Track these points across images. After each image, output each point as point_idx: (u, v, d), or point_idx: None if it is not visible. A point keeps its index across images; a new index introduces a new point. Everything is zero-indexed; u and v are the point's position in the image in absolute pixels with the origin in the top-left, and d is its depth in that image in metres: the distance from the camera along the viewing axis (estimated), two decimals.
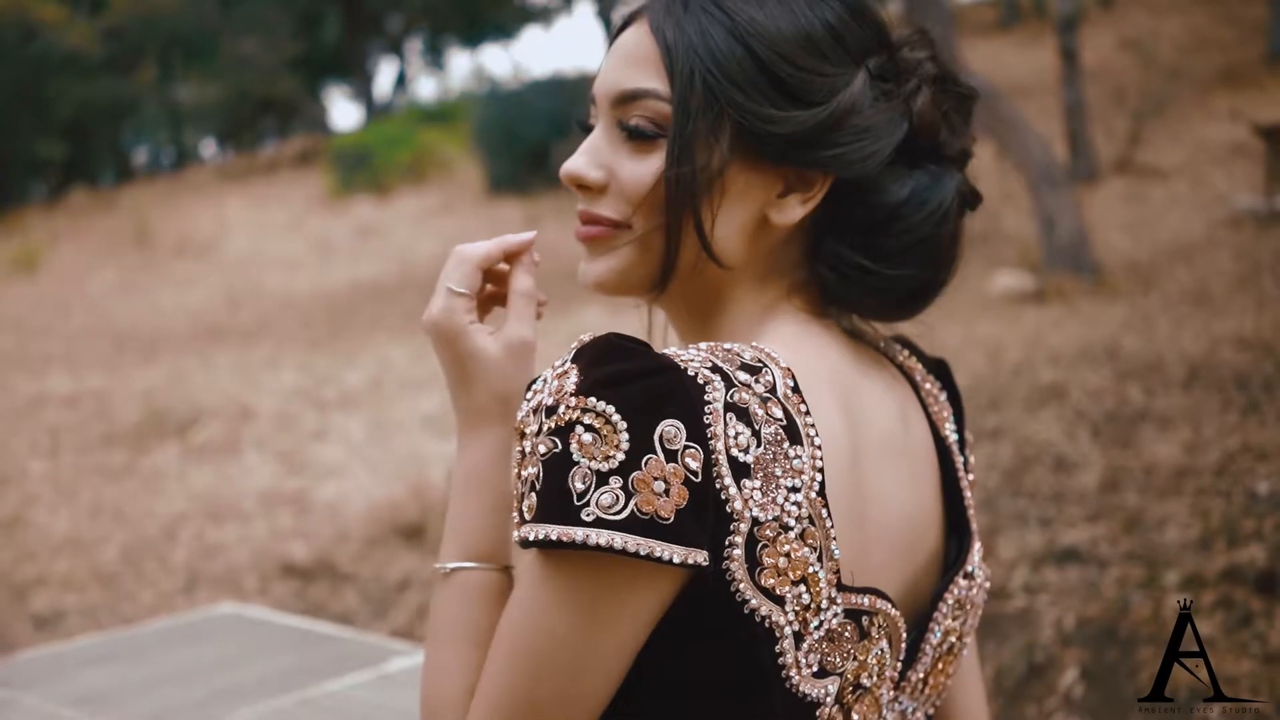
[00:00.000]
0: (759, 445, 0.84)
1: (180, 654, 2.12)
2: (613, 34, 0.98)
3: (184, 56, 24.06)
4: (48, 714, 1.83)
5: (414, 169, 17.08)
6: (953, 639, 1.00)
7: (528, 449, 0.83)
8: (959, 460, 1.06)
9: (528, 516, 0.82)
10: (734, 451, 0.83)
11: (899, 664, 0.95)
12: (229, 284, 13.04)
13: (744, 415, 0.84)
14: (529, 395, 0.85)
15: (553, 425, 0.81)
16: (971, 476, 1.08)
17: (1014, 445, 4.64)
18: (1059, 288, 7.27)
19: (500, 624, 0.85)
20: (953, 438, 1.06)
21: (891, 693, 0.96)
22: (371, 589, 4.48)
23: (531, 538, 0.81)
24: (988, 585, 1.05)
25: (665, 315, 1.02)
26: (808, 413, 0.88)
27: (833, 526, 0.87)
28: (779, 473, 0.85)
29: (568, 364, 0.84)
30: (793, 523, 0.85)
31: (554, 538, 0.80)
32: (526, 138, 14.51)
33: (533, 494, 0.82)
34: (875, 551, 0.92)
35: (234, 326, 10.76)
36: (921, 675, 0.98)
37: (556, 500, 0.80)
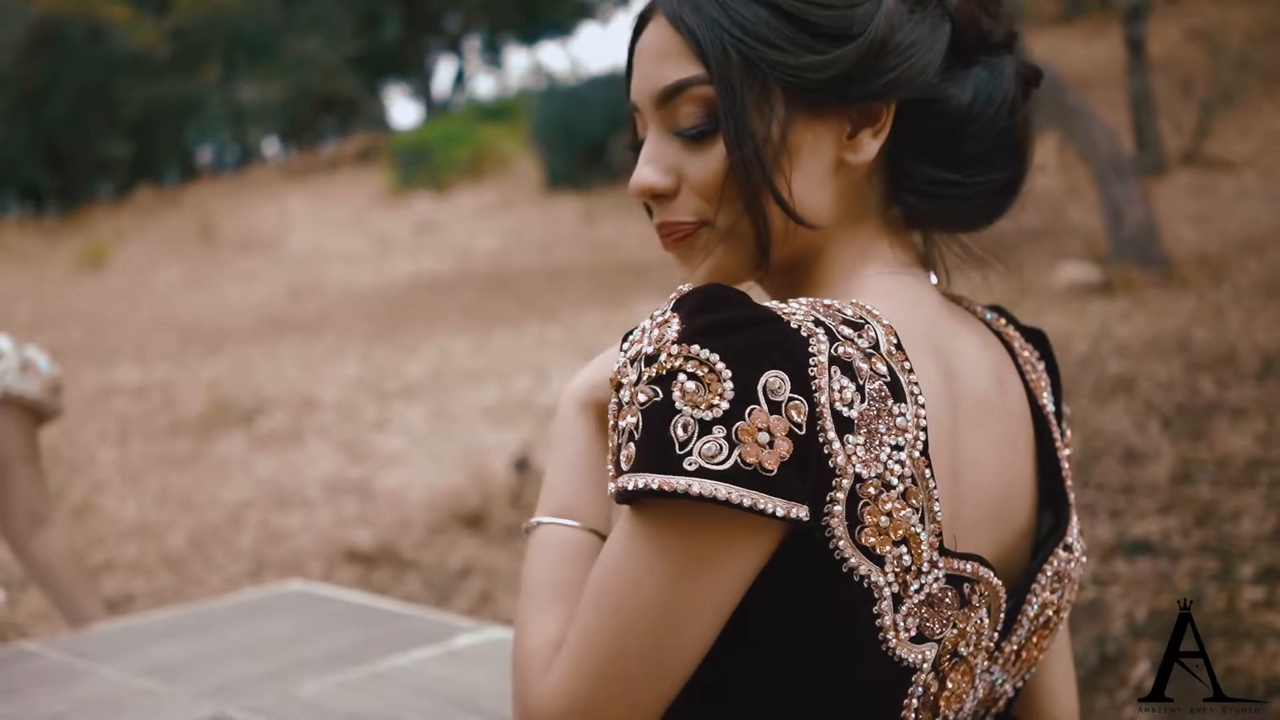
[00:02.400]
0: (863, 400, 0.82)
1: (250, 628, 2.14)
2: (630, 42, 0.95)
3: (247, 56, 24.38)
4: (122, 683, 1.85)
5: (472, 166, 17.18)
6: (1050, 612, 0.97)
7: (625, 399, 0.81)
8: (1056, 431, 1.03)
9: (625, 467, 0.80)
10: (838, 406, 0.81)
11: (995, 634, 0.93)
12: (291, 279, 13.19)
13: (848, 369, 0.82)
14: (625, 346, 0.84)
15: (654, 373, 0.79)
16: (1068, 451, 1.05)
17: (1083, 437, 4.56)
18: (1126, 280, 7.15)
19: (590, 579, 0.84)
20: (1050, 407, 1.03)
21: (986, 663, 0.93)
22: (434, 575, 4.50)
23: (630, 487, 0.79)
24: (1084, 560, 1.02)
25: (762, 288, 0.99)
26: (911, 370, 0.86)
27: (936, 488, 0.85)
28: (883, 429, 0.83)
29: (668, 313, 0.82)
30: (895, 481, 0.83)
31: (655, 487, 0.78)
32: (584, 134, 14.54)
33: (631, 444, 0.80)
34: (967, 517, 0.90)
35: (297, 319, 10.89)
36: (1015, 647, 0.95)
37: (657, 449, 0.78)
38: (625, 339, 0.85)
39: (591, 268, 11.15)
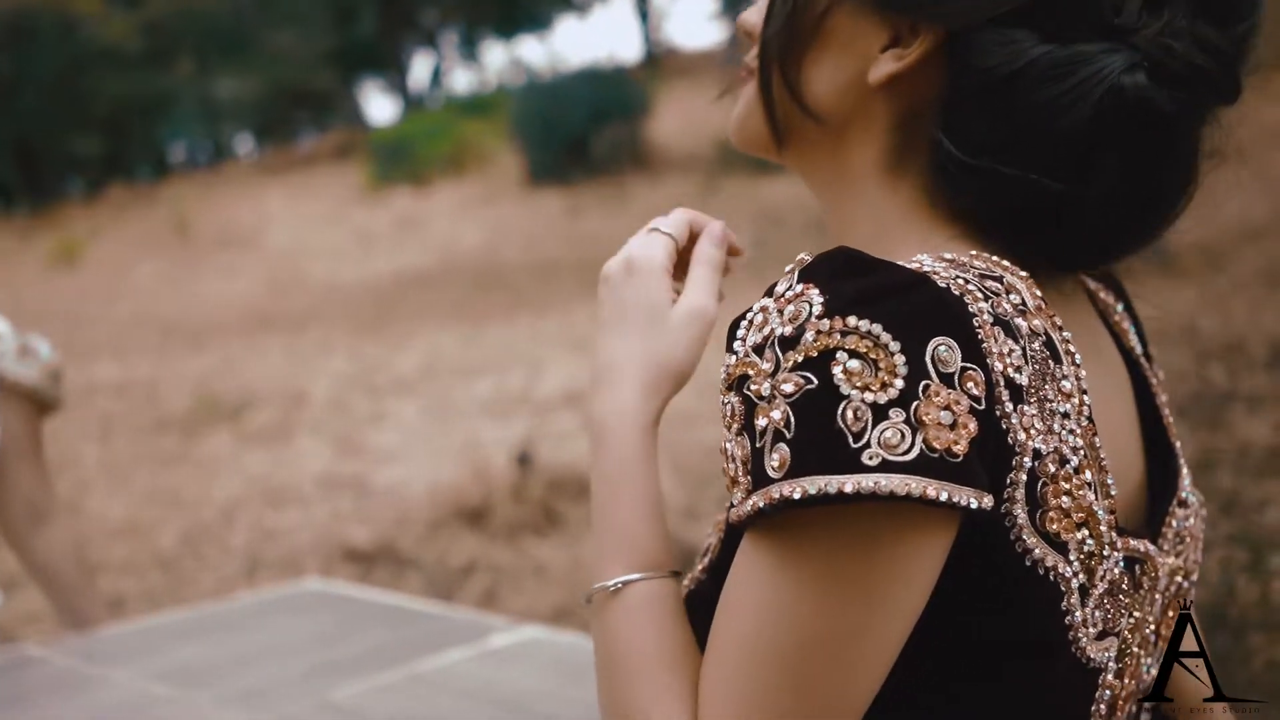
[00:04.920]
0: (1028, 364, 0.71)
1: (272, 629, 2.02)
2: None
3: (220, 50, 24.12)
4: (138, 690, 1.73)
5: (453, 161, 17.04)
6: (1179, 579, 0.86)
7: (763, 393, 0.67)
8: (1150, 374, 0.92)
9: (776, 475, 0.65)
10: (1010, 372, 0.69)
11: (1152, 620, 0.82)
12: (272, 274, 13.03)
13: (1010, 330, 0.71)
14: (740, 334, 0.71)
15: (801, 357, 0.66)
16: (1165, 397, 0.93)
17: None
18: (1125, 270, 7.05)
19: (724, 629, 0.69)
20: (1138, 349, 0.93)
21: (1144, 654, 0.82)
22: (435, 573, 4.38)
23: (796, 496, 0.64)
24: (1204, 513, 0.90)
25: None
26: (1062, 327, 0.75)
27: (1106, 458, 0.74)
28: (1051, 396, 0.72)
29: (797, 285, 0.69)
30: (1070, 454, 0.72)
31: (834, 491, 0.63)
32: (565, 128, 14.46)
33: (781, 444, 0.65)
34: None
35: (281, 315, 10.73)
36: (1153, 626, 0.84)
37: (825, 444, 0.64)
38: (734, 328, 0.72)
39: (579, 261, 11.02)
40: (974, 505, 0.66)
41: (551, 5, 27.25)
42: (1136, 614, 0.79)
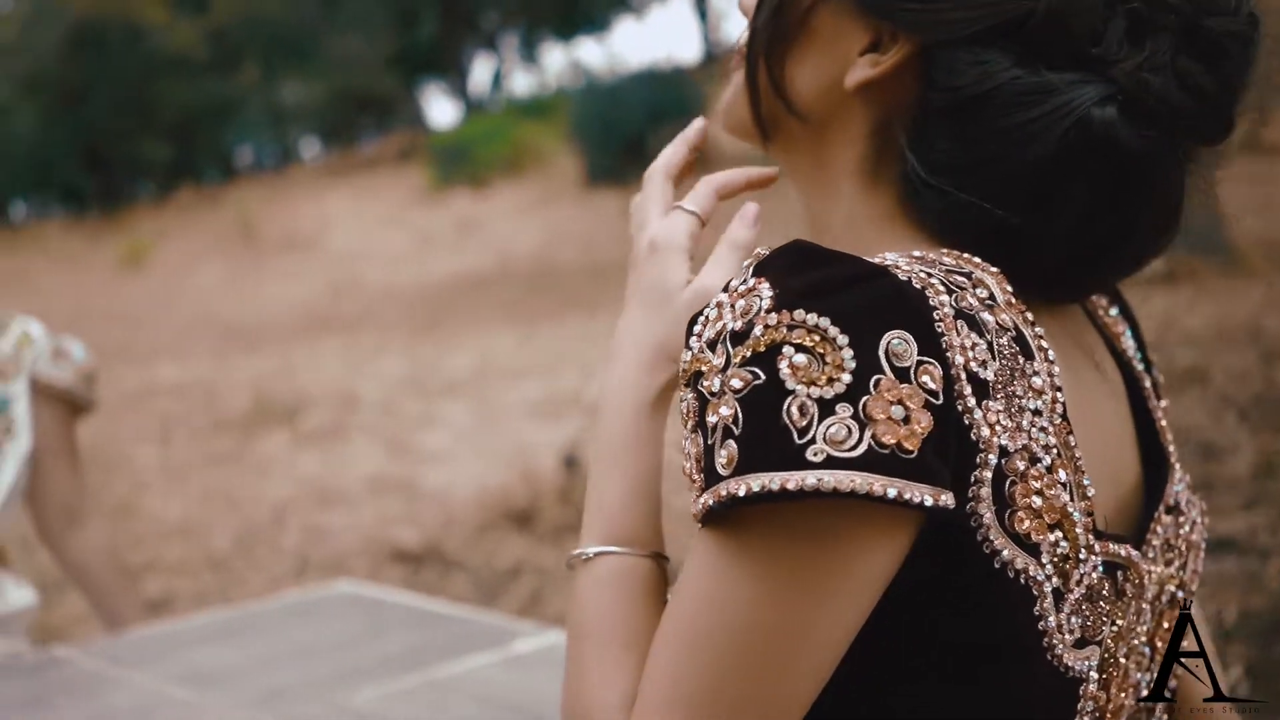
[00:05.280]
0: (995, 359, 0.68)
1: (296, 632, 2.01)
2: None
3: (286, 56, 24.46)
4: (156, 692, 1.72)
5: (512, 163, 17.14)
6: (1171, 588, 0.82)
7: (713, 389, 0.66)
8: (1145, 379, 0.89)
9: (725, 472, 0.64)
10: (973, 366, 0.67)
11: (1140, 628, 0.79)
12: (332, 277, 13.18)
13: (975, 324, 0.68)
14: (697, 330, 0.69)
15: (749, 352, 0.65)
16: (1165, 403, 0.91)
17: None
18: (1190, 269, 6.94)
19: (670, 616, 0.68)
20: (1130, 352, 0.90)
21: (1133, 666, 0.79)
22: (482, 575, 4.38)
23: (741, 493, 0.63)
24: (1205, 521, 0.87)
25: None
26: (1033, 322, 0.73)
27: (1081, 458, 0.72)
28: (1019, 392, 0.69)
29: (750, 279, 0.68)
30: (1041, 452, 0.69)
31: (777, 487, 0.62)
32: (624, 129, 14.50)
33: (730, 441, 0.64)
34: (1098, 489, 0.76)
35: (338, 317, 10.84)
36: (1144, 638, 0.80)
37: (770, 441, 0.63)
38: (693, 323, 0.70)
39: None
40: (928, 503, 0.63)
41: (610, 7, 27.31)
42: (1120, 622, 0.75)
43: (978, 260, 0.74)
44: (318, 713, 1.63)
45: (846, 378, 0.63)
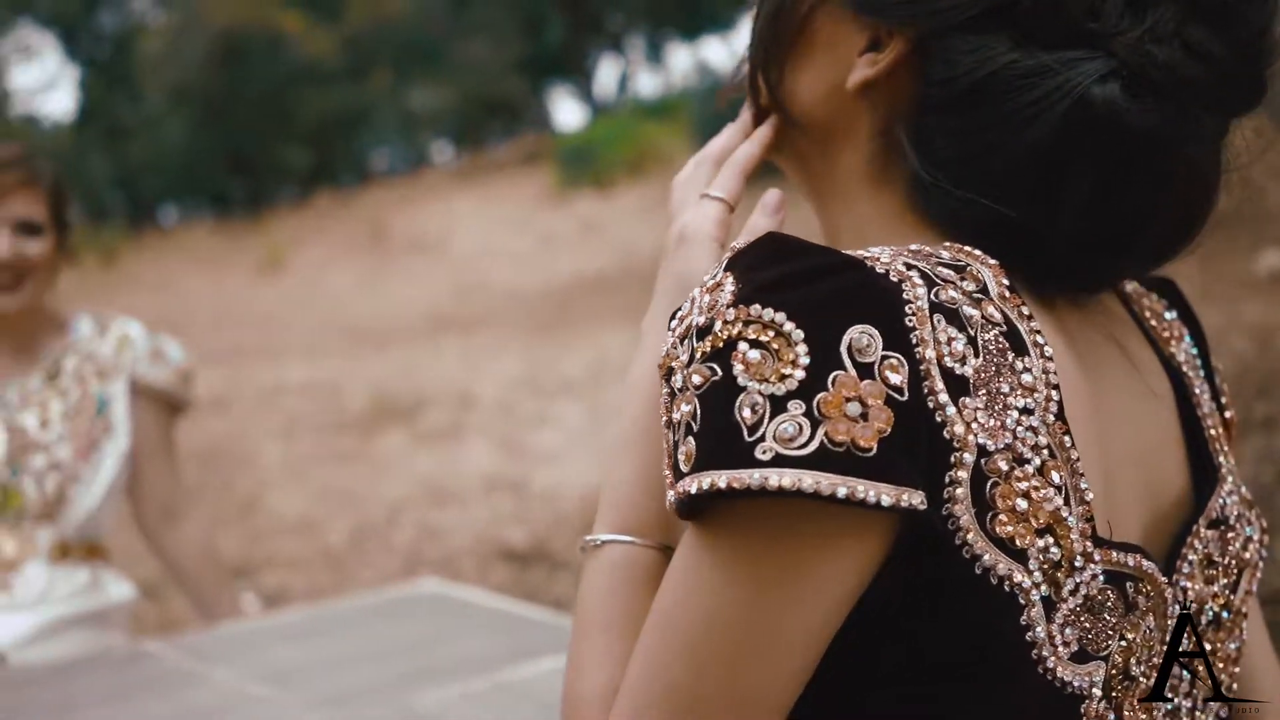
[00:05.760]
0: (977, 355, 0.66)
1: (377, 632, 2.03)
2: None
3: (416, 62, 24.97)
4: (234, 689, 1.76)
5: (635, 164, 17.19)
6: (1215, 608, 0.77)
7: (678, 385, 0.66)
8: (1195, 385, 0.84)
9: (684, 468, 0.65)
10: (948, 362, 0.64)
11: (1164, 646, 0.74)
12: (457, 278, 13.39)
13: (954, 318, 0.66)
14: (673, 325, 0.68)
15: (708, 348, 0.64)
16: (1230, 414, 0.86)
17: None
18: None
19: (654, 605, 0.68)
20: (1181, 357, 0.84)
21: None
22: None
23: (693, 491, 0.63)
24: (1261, 538, 0.81)
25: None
26: (1030, 316, 0.69)
27: (1079, 460, 0.68)
28: (1005, 389, 0.66)
29: (720, 274, 0.67)
30: (1029, 453, 0.66)
31: (722, 485, 0.62)
32: None
33: (689, 439, 0.65)
34: (1122, 497, 0.72)
35: (460, 318, 11.01)
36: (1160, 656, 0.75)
37: (721, 439, 0.63)
38: (672, 318, 0.69)
39: None
40: (886, 502, 0.61)
41: (735, 6, 27.20)
42: (1130, 636, 0.71)
43: (977, 253, 0.71)
44: (380, 714, 1.64)
45: (800, 374, 0.62)
